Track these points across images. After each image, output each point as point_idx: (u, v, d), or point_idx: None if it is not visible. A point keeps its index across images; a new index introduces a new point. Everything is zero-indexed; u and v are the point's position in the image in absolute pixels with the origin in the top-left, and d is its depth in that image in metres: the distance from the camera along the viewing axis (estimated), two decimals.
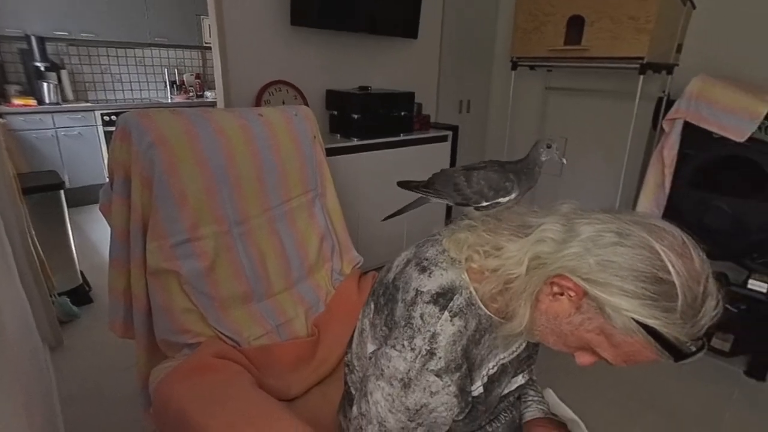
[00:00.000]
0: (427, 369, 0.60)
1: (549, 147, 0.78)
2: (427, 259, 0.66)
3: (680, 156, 1.93)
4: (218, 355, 1.02)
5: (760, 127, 1.76)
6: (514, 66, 2.62)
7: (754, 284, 1.79)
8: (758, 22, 2.30)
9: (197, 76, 4.48)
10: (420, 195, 0.96)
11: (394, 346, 0.62)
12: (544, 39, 2.36)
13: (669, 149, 1.94)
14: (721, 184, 1.90)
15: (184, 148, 1.10)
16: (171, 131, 1.09)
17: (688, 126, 1.89)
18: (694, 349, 0.52)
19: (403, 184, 0.98)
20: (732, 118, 1.80)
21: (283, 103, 2.14)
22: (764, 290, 1.76)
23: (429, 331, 0.60)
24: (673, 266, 0.50)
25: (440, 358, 0.60)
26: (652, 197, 2.04)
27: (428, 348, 0.60)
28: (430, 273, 0.64)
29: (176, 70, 4.35)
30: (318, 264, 1.38)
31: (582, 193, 3.10)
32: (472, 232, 0.67)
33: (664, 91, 2.40)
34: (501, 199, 0.74)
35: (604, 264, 0.52)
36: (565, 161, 0.78)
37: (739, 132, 1.79)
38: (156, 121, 1.08)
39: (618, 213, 0.58)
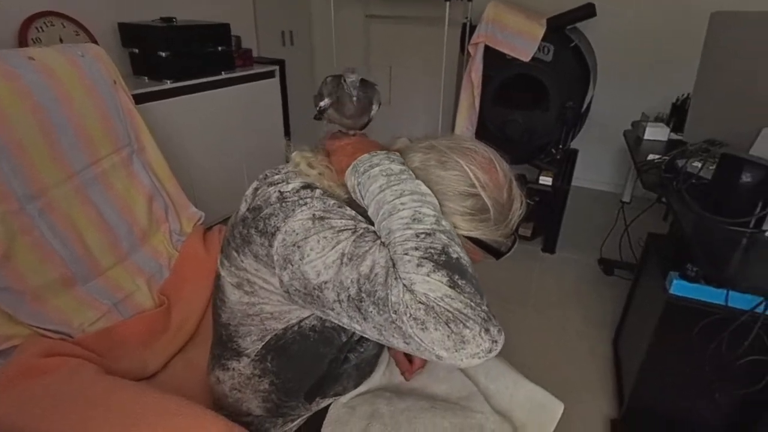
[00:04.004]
0: (327, 209, 0.58)
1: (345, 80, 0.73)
2: (276, 182, 0.65)
3: (484, 77, 2.20)
4: (45, 354, 0.86)
5: (540, 48, 2.09)
6: None
7: (543, 180, 2.23)
8: None
9: None
10: None
11: (286, 220, 0.58)
12: None
13: (475, 72, 2.19)
14: (515, 100, 2.25)
15: None
16: None
17: (488, 49, 2.15)
18: (509, 245, 0.66)
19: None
20: (519, 40, 2.10)
21: (61, 41, 1.72)
22: (549, 183, 2.22)
23: (307, 197, 0.60)
24: (480, 183, 0.61)
25: (332, 203, 0.60)
26: (466, 116, 2.31)
27: (310, 199, 0.59)
28: (286, 182, 0.64)
29: None
30: (152, 228, 1.24)
31: (409, 118, 3.33)
32: (315, 153, 0.68)
33: (466, 17, 2.64)
34: (321, 104, 0.74)
35: (432, 191, 0.60)
36: (355, 83, 0.73)
37: (525, 52, 2.10)
38: None
39: (436, 140, 0.66)
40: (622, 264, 2.14)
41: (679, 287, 1.11)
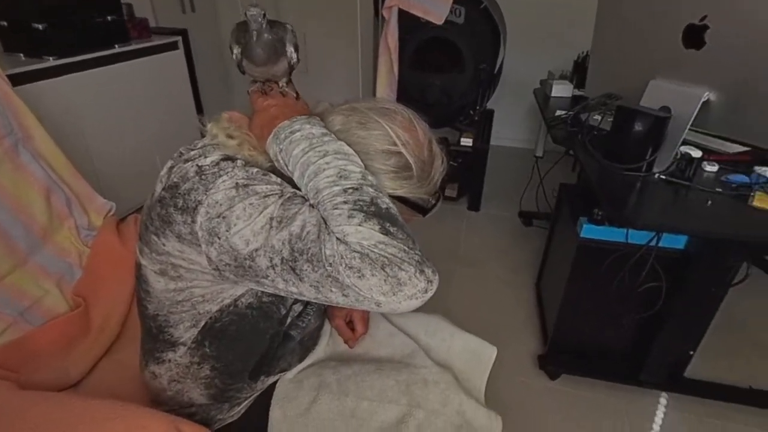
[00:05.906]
0: (250, 176, 0.57)
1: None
2: (193, 158, 0.61)
3: (401, 41, 2.19)
4: None
5: (452, 10, 2.11)
6: None
7: (464, 141, 2.32)
8: None
9: None
10: None
11: (207, 193, 0.55)
12: None
13: (391, 36, 2.17)
14: (432, 64, 2.28)
15: None
16: None
17: (402, 13, 2.13)
18: (433, 202, 0.68)
19: None
20: (431, 3, 2.10)
21: None
22: (470, 144, 2.31)
23: (228, 168, 0.58)
24: (401, 141, 0.62)
25: (255, 171, 0.58)
26: (386, 82, 2.30)
27: (231, 168, 0.57)
28: (204, 156, 0.60)
29: None
30: (53, 225, 1.12)
31: (329, 86, 3.25)
32: (232, 122, 0.66)
33: None
34: (235, 50, 0.69)
35: (355, 151, 0.60)
36: (257, 18, 0.65)
37: (437, 15, 2.11)
38: None
39: (357, 103, 0.66)
40: (540, 215, 2.31)
41: (588, 230, 1.23)
